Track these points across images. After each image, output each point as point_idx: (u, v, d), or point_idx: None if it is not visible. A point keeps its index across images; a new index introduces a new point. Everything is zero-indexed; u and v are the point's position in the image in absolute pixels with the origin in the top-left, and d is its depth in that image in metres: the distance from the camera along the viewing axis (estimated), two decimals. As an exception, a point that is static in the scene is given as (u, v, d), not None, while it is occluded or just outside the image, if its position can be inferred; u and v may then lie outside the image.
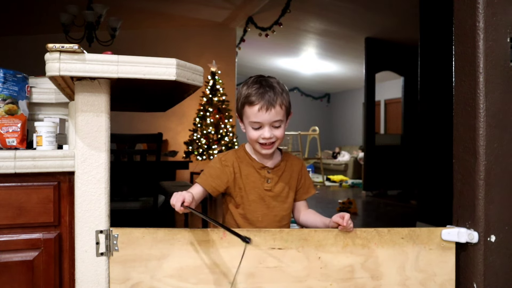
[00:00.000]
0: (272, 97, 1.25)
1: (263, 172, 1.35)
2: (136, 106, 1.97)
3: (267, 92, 1.25)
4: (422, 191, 4.19)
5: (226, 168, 1.33)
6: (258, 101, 1.24)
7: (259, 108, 1.24)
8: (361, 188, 7.10)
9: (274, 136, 1.28)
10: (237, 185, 1.34)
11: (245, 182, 1.34)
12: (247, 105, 1.27)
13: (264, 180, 1.35)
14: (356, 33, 6.51)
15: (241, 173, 1.34)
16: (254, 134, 1.28)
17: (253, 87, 1.27)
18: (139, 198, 2.89)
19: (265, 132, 1.26)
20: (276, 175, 1.36)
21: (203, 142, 6.48)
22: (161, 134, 2.85)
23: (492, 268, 1.26)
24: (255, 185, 1.34)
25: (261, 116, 1.25)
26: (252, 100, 1.25)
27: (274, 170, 1.36)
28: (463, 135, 1.31)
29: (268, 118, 1.25)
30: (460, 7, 1.32)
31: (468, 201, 1.28)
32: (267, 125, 1.26)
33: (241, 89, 1.31)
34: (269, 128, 1.27)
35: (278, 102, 1.25)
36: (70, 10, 4.41)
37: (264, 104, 1.24)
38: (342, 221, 1.21)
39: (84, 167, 1.14)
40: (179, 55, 1.47)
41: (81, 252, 1.14)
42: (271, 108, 1.24)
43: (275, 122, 1.27)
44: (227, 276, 1.19)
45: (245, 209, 1.34)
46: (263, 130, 1.27)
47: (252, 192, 1.34)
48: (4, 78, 1.31)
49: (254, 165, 1.35)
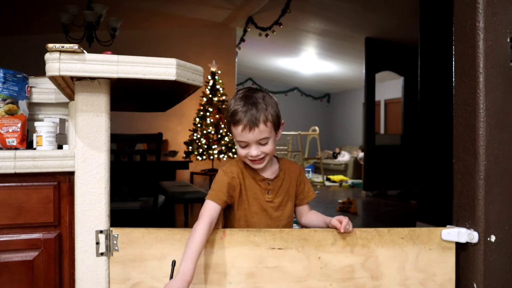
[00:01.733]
0: (255, 115, 1.21)
1: (264, 184, 1.34)
2: (136, 106, 1.97)
3: (250, 110, 1.21)
4: (422, 191, 4.19)
5: (233, 179, 1.32)
6: (241, 121, 1.21)
7: (242, 128, 1.21)
8: (361, 188, 7.10)
9: (262, 152, 1.26)
10: (241, 196, 1.33)
11: (248, 194, 1.33)
12: (232, 124, 1.24)
13: (265, 191, 1.34)
14: (356, 33, 6.51)
15: (244, 184, 1.33)
16: (242, 152, 1.27)
17: (238, 105, 1.23)
18: (139, 198, 2.89)
19: (252, 151, 1.24)
20: (276, 186, 1.36)
21: (203, 142, 6.48)
22: (161, 134, 2.85)
23: (492, 268, 1.26)
24: (257, 196, 1.34)
25: (245, 136, 1.23)
26: (235, 119, 1.22)
27: (274, 181, 1.35)
28: (463, 135, 1.31)
29: (253, 137, 1.22)
30: (460, 7, 1.32)
31: (468, 201, 1.28)
32: (253, 143, 1.24)
33: (229, 103, 1.28)
34: (255, 146, 1.24)
35: (261, 119, 1.22)
36: (70, 10, 4.41)
37: (247, 124, 1.21)
38: (340, 226, 1.21)
39: (84, 167, 1.14)
40: (179, 55, 1.47)
41: (81, 252, 1.14)
42: (254, 128, 1.21)
43: (261, 140, 1.24)
44: (227, 276, 1.19)
45: (248, 221, 1.34)
46: (250, 148, 1.24)
47: (255, 203, 1.33)
48: (4, 78, 1.31)
49: (255, 177, 1.34)
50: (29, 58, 3.65)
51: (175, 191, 3.47)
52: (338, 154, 10.12)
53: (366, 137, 6.67)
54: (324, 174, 8.69)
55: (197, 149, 6.48)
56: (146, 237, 1.17)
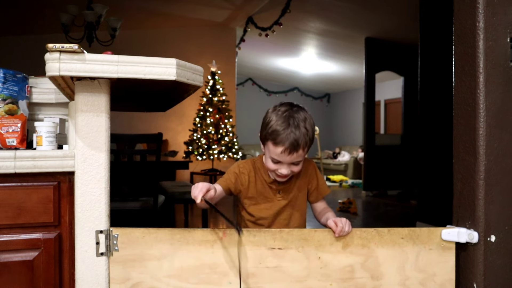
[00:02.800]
0: (298, 140, 1.22)
1: (274, 185, 1.38)
2: (136, 106, 1.97)
3: (293, 133, 1.22)
4: (422, 191, 4.19)
5: (242, 175, 1.37)
6: (282, 144, 1.22)
7: (283, 151, 1.23)
8: (361, 188, 7.10)
9: (291, 172, 1.29)
10: (250, 192, 1.37)
11: (258, 192, 1.38)
12: (271, 142, 1.25)
13: (276, 192, 1.39)
14: (356, 33, 6.51)
15: (255, 183, 1.38)
16: (272, 166, 1.29)
17: (281, 125, 1.23)
18: (139, 198, 2.89)
19: (283, 170, 1.27)
20: (287, 186, 1.39)
21: (203, 142, 6.48)
22: (161, 134, 2.85)
23: (492, 268, 1.26)
24: (268, 195, 1.38)
25: (283, 157, 1.25)
26: (277, 140, 1.23)
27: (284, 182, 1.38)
28: (463, 135, 1.31)
29: (289, 159, 1.26)
30: (460, 7, 1.32)
31: (468, 201, 1.28)
32: (287, 163, 1.27)
33: (269, 116, 1.28)
34: (287, 166, 1.28)
35: (301, 145, 1.24)
36: (70, 10, 4.41)
37: (288, 147, 1.23)
38: (335, 229, 1.21)
39: (84, 167, 1.14)
40: (179, 55, 1.47)
41: (81, 252, 1.14)
42: (293, 152, 1.24)
43: (295, 161, 1.28)
44: (227, 276, 1.19)
45: (257, 216, 1.38)
46: (282, 166, 1.27)
47: (265, 201, 1.38)
48: (4, 78, 1.31)
49: (265, 179, 1.38)
50: (29, 58, 3.65)
51: (175, 191, 3.47)
52: (338, 154, 10.11)
53: (366, 137, 6.66)
54: (324, 174, 8.68)
55: (197, 149, 6.48)
56: (146, 237, 1.17)
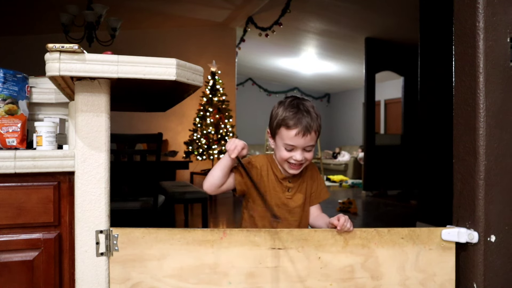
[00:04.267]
0: (310, 123, 1.29)
1: (285, 182, 1.40)
2: (136, 106, 1.97)
3: (305, 117, 1.29)
4: (422, 191, 4.19)
5: (253, 169, 1.38)
6: (295, 126, 1.28)
7: (296, 133, 1.28)
8: (361, 188, 7.10)
9: (304, 158, 1.32)
10: (261, 187, 1.38)
11: (269, 187, 1.39)
12: (284, 128, 1.30)
13: (285, 189, 1.40)
14: (356, 33, 6.51)
15: (268, 177, 1.39)
16: (286, 155, 1.32)
17: (291, 111, 1.30)
18: (139, 198, 2.89)
19: (297, 155, 1.31)
20: (296, 184, 1.41)
21: (203, 142, 6.48)
22: (161, 134, 2.85)
23: (492, 268, 1.26)
24: (276, 191, 1.39)
25: (297, 141, 1.29)
26: (290, 124, 1.29)
27: (294, 179, 1.41)
28: (463, 135, 1.31)
29: (303, 142, 1.29)
30: (460, 7, 1.32)
31: (468, 201, 1.28)
32: (300, 149, 1.30)
33: (276, 109, 1.35)
34: (301, 151, 1.31)
35: (314, 128, 1.30)
36: (70, 10, 4.41)
37: (302, 130, 1.28)
38: (337, 223, 1.22)
39: (84, 167, 1.14)
40: (179, 55, 1.47)
41: (81, 252, 1.14)
42: (307, 134, 1.29)
43: (308, 146, 1.31)
44: (227, 276, 1.19)
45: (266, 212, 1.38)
46: (296, 152, 1.31)
47: (274, 197, 1.39)
48: (4, 78, 1.31)
49: (277, 175, 1.40)
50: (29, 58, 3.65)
51: (175, 191, 3.47)
52: (338, 154, 10.11)
53: (366, 137, 6.66)
54: (324, 174, 8.68)
55: (197, 149, 6.48)
56: (146, 237, 1.17)
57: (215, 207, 5.63)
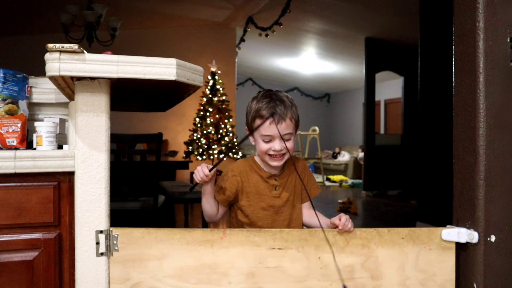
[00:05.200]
0: (283, 110, 1.28)
1: (271, 181, 1.38)
2: (136, 106, 1.97)
3: (278, 105, 1.29)
4: (422, 191, 4.19)
5: (233, 178, 1.37)
6: (268, 114, 1.28)
7: (271, 122, 1.28)
8: (361, 188, 7.09)
9: (284, 147, 1.30)
10: (245, 193, 1.37)
11: (254, 190, 1.37)
12: (258, 119, 1.30)
13: (272, 188, 1.37)
14: (356, 33, 6.51)
15: (249, 182, 1.37)
16: (265, 147, 1.31)
17: (264, 101, 1.30)
18: (139, 198, 2.89)
19: (275, 145, 1.30)
20: (283, 181, 1.39)
21: (203, 142, 6.48)
22: (161, 134, 2.85)
23: (492, 268, 1.26)
24: (264, 192, 1.37)
25: (272, 130, 1.28)
26: (263, 113, 1.28)
27: (280, 177, 1.39)
28: (463, 135, 1.31)
29: (279, 131, 1.28)
30: (460, 7, 1.32)
31: (468, 201, 1.28)
32: (277, 138, 1.29)
33: (250, 104, 1.35)
34: (279, 141, 1.30)
35: (288, 115, 1.29)
36: (70, 10, 4.41)
37: (275, 117, 1.27)
38: (339, 222, 1.22)
39: (84, 167, 1.14)
40: (179, 55, 1.47)
41: (81, 252, 1.14)
42: (281, 122, 1.28)
43: (285, 135, 1.30)
44: (227, 276, 1.19)
45: (255, 217, 1.36)
46: (274, 142, 1.30)
47: (261, 199, 1.37)
48: (4, 78, 1.31)
49: (262, 175, 1.38)
50: (29, 58, 3.65)
51: (175, 191, 3.47)
52: (338, 154, 10.11)
53: (366, 137, 6.66)
54: (324, 174, 8.68)
55: (197, 149, 6.48)
56: (146, 237, 1.17)
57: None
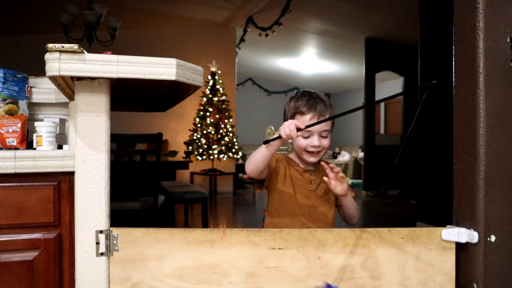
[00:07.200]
0: (323, 108, 1.35)
1: (306, 175, 1.43)
2: (136, 106, 1.97)
3: (318, 103, 1.35)
4: (422, 191, 4.19)
5: (279, 162, 1.42)
6: (309, 111, 1.34)
7: (311, 117, 1.34)
8: (361, 188, 7.10)
9: (322, 145, 1.35)
10: (287, 181, 1.41)
11: (293, 181, 1.42)
12: (299, 115, 1.36)
13: (308, 181, 1.43)
14: (356, 33, 6.52)
15: (290, 173, 1.43)
16: (304, 143, 1.36)
17: (303, 99, 1.36)
18: (139, 198, 2.89)
19: (314, 141, 1.34)
20: (318, 177, 1.44)
21: (203, 142, 6.48)
22: (161, 134, 2.85)
23: (492, 268, 1.26)
24: (301, 184, 1.42)
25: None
26: (303, 110, 1.35)
27: (315, 172, 1.44)
28: (463, 135, 1.31)
29: (319, 127, 1.32)
30: (460, 7, 1.32)
31: (468, 201, 1.28)
32: (317, 134, 1.34)
33: (289, 103, 1.41)
34: (318, 137, 1.34)
35: (328, 113, 1.36)
36: (70, 10, 4.41)
37: (316, 114, 1.34)
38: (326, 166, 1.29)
39: (84, 167, 1.14)
40: (179, 55, 1.47)
41: (81, 252, 1.14)
42: (321, 118, 1.33)
43: (323, 131, 1.35)
44: (227, 276, 1.19)
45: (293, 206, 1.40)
46: (312, 138, 1.35)
47: (298, 191, 1.42)
48: (4, 78, 1.31)
49: (298, 169, 1.43)
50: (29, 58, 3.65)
51: (175, 191, 3.47)
52: (338, 154, 10.11)
53: (366, 137, 6.67)
54: (324, 174, 8.67)
55: (197, 149, 6.48)
56: (146, 237, 1.17)
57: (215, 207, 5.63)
